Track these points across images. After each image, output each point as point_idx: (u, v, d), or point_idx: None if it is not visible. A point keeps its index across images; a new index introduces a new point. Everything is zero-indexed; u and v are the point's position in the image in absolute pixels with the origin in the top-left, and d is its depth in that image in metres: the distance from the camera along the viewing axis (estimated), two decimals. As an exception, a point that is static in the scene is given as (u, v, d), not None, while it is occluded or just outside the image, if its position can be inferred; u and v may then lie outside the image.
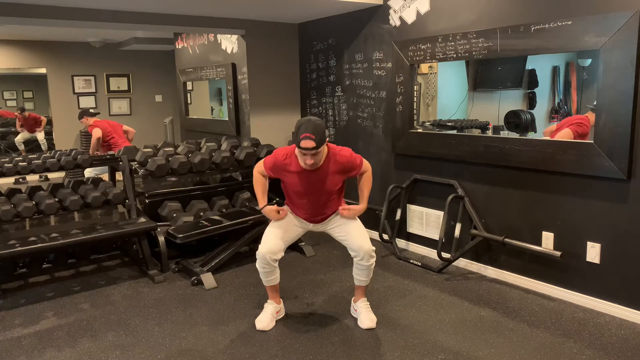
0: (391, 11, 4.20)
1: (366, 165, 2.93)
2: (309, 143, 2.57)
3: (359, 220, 2.98)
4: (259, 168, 2.95)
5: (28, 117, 8.33)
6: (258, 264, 2.91)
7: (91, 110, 5.83)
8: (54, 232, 3.64)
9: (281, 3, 4.20)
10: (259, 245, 2.90)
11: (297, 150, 2.71)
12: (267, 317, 2.98)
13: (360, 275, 2.95)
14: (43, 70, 8.20)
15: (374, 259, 2.90)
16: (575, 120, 3.74)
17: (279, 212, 2.94)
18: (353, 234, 2.89)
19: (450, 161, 3.86)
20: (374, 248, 2.89)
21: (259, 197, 2.97)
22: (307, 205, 2.90)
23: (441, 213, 3.94)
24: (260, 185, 2.96)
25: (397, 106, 4.17)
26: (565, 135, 3.61)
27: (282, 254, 2.92)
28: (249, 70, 5.13)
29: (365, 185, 2.95)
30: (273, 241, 2.89)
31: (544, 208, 3.33)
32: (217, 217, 4.11)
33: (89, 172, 5.29)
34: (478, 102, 4.78)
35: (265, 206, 2.94)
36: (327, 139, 2.81)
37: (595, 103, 3.03)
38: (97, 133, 5.46)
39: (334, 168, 2.80)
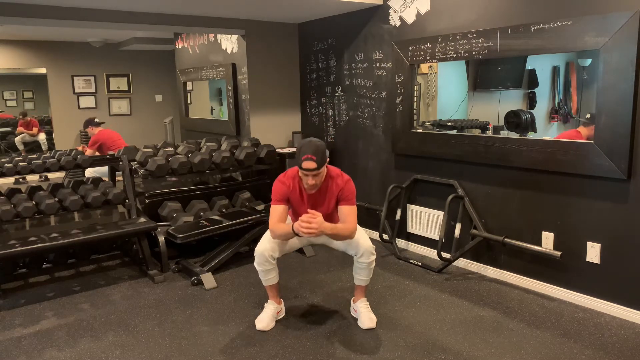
0: (391, 11, 4.20)
1: (354, 217, 2.82)
2: (310, 164, 2.66)
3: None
4: (272, 221, 2.82)
5: (29, 121, 8.75)
6: (256, 262, 2.91)
7: (96, 120, 5.96)
8: (54, 232, 3.63)
9: (281, 3, 4.20)
10: (258, 244, 2.90)
11: (299, 172, 2.77)
12: (267, 317, 2.98)
13: (361, 274, 2.95)
14: (43, 70, 8.20)
15: (374, 257, 2.90)
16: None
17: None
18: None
19: (450, 161, 3.86)
20: (374, 246, 2.90)
21: (287, 230, 2.76)
22: None
23: (441, 213, 3.94)
24: (281, 227, 2.79)
25: (397, 106, 4.17)
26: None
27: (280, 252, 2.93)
28: (249, 70, 5.13)
29: (341, 227, 2.78)
30: (272, 240, 2.89)
31: (544, 208, 3.33)
32: (217, 217, 4.12)
33: (90, 173, 5.30)
34: (478, 102, 4.78)
35: (294, 224, 2.73)
36: (328, 159, 2.79)
37: (587, 116, 2.97)
38: (91, 152, 5.65)
39: (333, 188, 2.84)
